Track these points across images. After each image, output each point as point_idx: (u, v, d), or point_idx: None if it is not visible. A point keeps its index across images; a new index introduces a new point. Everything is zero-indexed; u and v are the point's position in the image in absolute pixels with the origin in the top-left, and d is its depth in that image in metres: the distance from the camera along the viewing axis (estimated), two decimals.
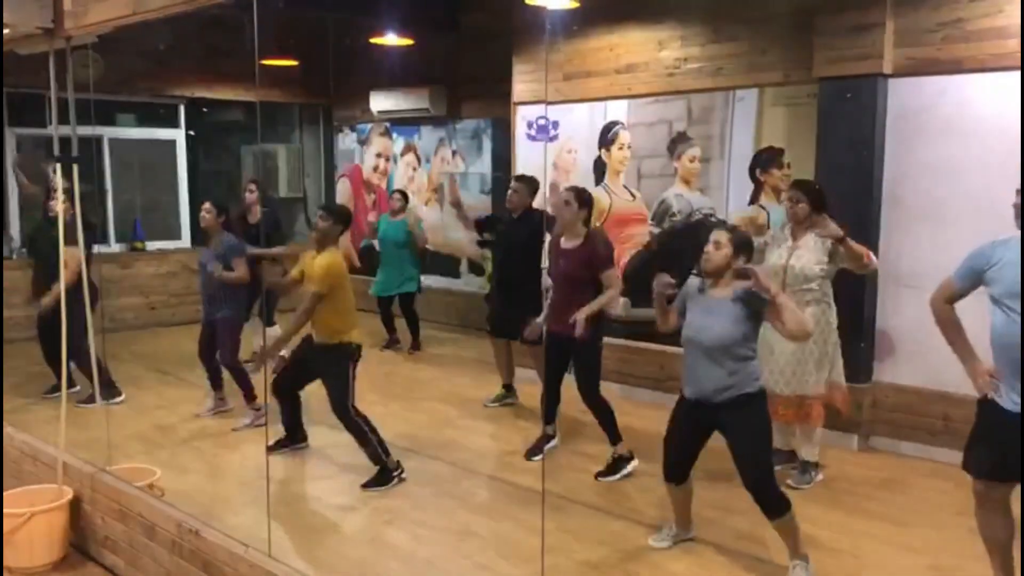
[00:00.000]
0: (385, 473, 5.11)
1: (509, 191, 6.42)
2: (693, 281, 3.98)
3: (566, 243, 5.26)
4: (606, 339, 5.42)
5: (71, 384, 6.37)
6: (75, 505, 4.33)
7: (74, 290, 4.88)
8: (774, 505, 3.82)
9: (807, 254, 4.89)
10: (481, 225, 7.27)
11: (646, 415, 6.00)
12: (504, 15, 7.69)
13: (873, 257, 4.86)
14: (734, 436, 3.87)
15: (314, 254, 5.24)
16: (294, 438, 5.69)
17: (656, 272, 4.01)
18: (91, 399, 5.73)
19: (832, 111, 5.70)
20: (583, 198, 5.24)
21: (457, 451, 5.74)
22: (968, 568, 4.04)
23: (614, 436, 5.25)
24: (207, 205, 6.28)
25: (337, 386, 5.13)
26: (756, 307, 3.77)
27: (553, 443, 5.68)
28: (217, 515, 4.41)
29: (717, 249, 3.83)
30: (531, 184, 6.44)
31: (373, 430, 5.14)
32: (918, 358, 5.56)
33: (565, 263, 5.24)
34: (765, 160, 6.30)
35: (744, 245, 3.87)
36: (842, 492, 5.00)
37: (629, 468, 5.22)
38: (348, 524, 4.67)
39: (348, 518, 4.75)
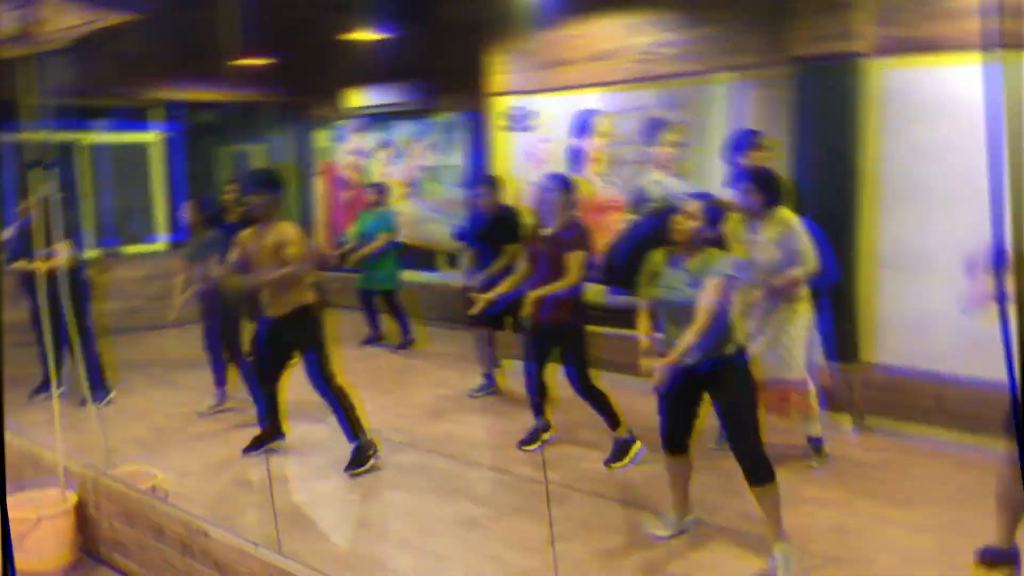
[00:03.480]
0: (362, 452, 5.17)
1: (478, 197, 6.64)
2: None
3: (548, 230, 5.26)
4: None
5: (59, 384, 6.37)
6: (80, 509, 4.35)
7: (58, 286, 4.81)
8: (759, 469, 3.76)
9: (767, 250, 4.79)
10: (461, 237, 7.32)
11: (629, 402, 5.95)
12: (477, 7, 7.70)
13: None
14: (720, 396, 3.84)
15: (252, 231, 5.15)
16: (273, 433, 5.52)
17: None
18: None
19: (809, 92, 5.69)
20: (561, 182, 5.26)
21: (453, 444, 5.77)
22: (976, 547, 3.82)
23: (613, 422, 5.22)
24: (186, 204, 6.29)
25: (313, 353, 5.14)
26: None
27: (550, 437, 5.59)
28: (222, 514, 4.45)
29: (688, 219, 3.86)
30: (493, 182, 6.70)
31: (351, 405, 5.18)
32: (901, 338, 5.57)
33: (541, 247, 5.26)
34: (741, 143, 6.34)
35: (715, 215, 3.90)
36: (843, 472, 4.94)
37: (636, 451, 5.18)
38: (352, 519, 4.71)
39: (351, 513, 4.78)
